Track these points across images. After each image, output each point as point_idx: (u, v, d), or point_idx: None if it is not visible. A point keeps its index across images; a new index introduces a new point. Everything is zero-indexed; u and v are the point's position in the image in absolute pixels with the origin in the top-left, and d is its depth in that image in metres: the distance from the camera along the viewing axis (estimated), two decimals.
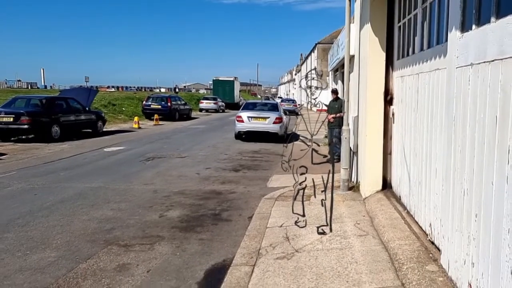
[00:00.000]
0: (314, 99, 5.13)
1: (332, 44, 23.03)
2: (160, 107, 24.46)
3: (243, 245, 4.42)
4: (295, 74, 68.62)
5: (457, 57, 2.93)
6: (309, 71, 5.60)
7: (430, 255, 3.61)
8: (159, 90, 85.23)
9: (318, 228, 4.68)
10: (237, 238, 4.72)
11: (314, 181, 4.84)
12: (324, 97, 6.62)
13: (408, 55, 4.90)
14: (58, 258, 4.17)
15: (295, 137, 6.11)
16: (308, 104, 8.00)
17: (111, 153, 11.47)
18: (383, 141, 5.83)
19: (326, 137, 12.05)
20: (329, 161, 5.96)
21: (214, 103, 37.46)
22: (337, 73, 21.92)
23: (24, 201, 6.31)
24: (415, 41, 4.58)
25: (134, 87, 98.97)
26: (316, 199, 5.27)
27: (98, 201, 6.36)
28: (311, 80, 5.47)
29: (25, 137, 14.01)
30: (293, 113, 24.58)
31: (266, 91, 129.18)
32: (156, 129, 19.62)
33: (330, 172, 4.69)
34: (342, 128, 7.09)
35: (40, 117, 13.44)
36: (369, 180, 5.94)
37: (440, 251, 3.48)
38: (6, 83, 75.63)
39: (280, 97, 68.11)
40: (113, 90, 71.12)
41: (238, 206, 6.22)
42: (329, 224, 4.71)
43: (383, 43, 5.66)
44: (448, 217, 3.15)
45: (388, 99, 5.68)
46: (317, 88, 5.71)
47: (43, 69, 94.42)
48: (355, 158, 6.98)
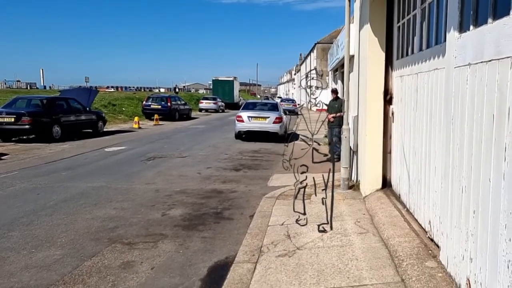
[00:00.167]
0: (314, 98, 5.18)
1: (331, 44, 23.11)
2: (160, 107, 24.49)
3: (245, 243, 4.48)
4: (295, 74, 68.60)
5: (455, 57, 2.99)
6: (310, 71, 5.68)
7: (430, 251, 3.67)
8: (159, 90, 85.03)
9: (319, 226, 4.74)
10: (239, 236, 4.79)
11: (314, 180, 4.89)
12: (324, 96, 6.67)
13: (407, 55, 4.95)
14: (63, 256, 4.23)
15: (295, 136, 6.16)
16: (308, 103, 8.05)
17: (112, 153, 11.52)
18: (382, 140, 5.89)
19: (326, 136, 12.10)
20: (330, 160, 6.01)
21: (214, 103, 37.43)
22: (336, 73, 21.99)
23: (27, 200, 6.36)
24: (414, 41, 4.63)
25: (134, 87, 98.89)
26: (316, 198, 5.32)
27: (100, 200, 6.42)
28: (311, 80, 5.53)
29: (26, 137, 14.05)
30: (292, 112, 24.61)
31: (266, 91, 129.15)
32: (156, 129, 19.65)
33: (331, 171, 4.75)
34: (342, 127, 7.14)
35: (41, 117, 13.49)
36: (369, 179, 6.00)
37: (439, 247, 3.54)
38: (5, 83, 75.63)
39: (280, 97, 68.04)
40: (112, 90, 71.01)
41: (240, 205, 6.28)
42: (329, 222, 4.78)
43: (382, 43, 5.72)
44: (447, 214, 3.21)
45: (388, 99, 5.74)
46: (317, 88, 5.77)
47: (42, 69, 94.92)
48: (355, 157, 7.04)
